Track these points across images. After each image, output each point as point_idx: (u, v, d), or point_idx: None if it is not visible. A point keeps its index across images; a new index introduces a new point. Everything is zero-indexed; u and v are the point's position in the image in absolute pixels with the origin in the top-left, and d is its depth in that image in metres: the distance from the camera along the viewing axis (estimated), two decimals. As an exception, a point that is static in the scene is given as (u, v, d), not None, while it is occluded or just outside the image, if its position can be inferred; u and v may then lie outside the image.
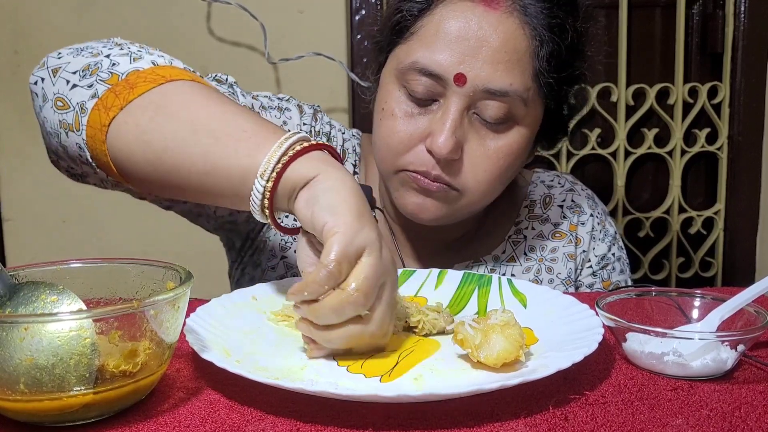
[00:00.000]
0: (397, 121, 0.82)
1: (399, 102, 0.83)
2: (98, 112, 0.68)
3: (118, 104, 0.67)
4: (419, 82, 0.80)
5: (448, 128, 0.79)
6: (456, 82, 0.79)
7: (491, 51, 0.78)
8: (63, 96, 0.70)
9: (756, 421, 0.50)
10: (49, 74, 0.72)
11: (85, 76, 0.70)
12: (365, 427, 0.50)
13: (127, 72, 0.69)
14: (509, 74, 0.79)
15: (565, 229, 0.99)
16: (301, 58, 1.60)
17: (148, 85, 0.68)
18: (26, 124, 1.64)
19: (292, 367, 0.60)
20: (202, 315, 0.65)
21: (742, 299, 0.62)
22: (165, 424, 0.50)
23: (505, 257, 0.97)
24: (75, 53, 0.73)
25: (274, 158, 0.61)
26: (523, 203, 1.01)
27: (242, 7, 1.58)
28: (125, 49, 0.73)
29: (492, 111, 0.80)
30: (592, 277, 0.99)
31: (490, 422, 0.50)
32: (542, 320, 0.69)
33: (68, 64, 0.72)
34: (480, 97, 0.79)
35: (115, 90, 0.68)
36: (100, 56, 0.72)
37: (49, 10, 1.62)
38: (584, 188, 1.05)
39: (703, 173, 1.95)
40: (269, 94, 0.94)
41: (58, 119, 0.71)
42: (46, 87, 0.72)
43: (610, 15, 1.80)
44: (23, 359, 0.47)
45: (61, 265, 0.59)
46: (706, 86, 1.83)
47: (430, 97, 0.81)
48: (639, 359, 0.60)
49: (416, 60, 0.80)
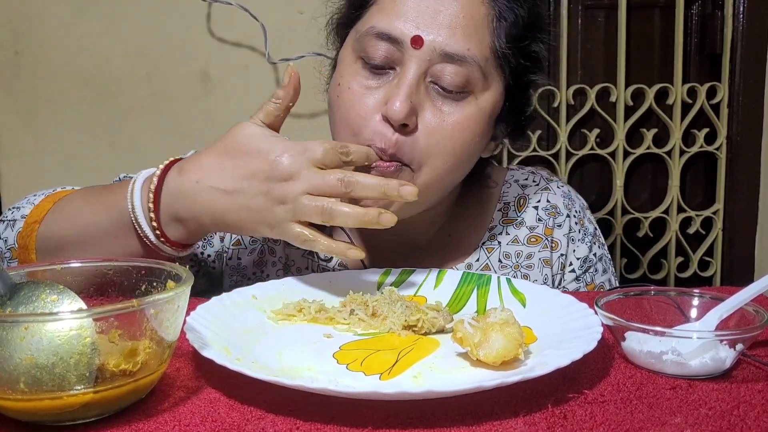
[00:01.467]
0: (354, 94, 0.81)
1: (355, 74, 0.81)
2: None
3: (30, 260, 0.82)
4: (377, 47, 0.79)
5: (404, 91, 0.77)
6: (413, 44, 0.77)
7: (449, 16, 0.78)
8: None
9: (754, 420, 0.50)
10: None
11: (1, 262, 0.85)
12: (365, 425, 0.50)
13: (14, 240, 0.84)
14: (467, 39, 0.78)
15: (540, 233, 0.95)
16: (302, 59, 1.60)
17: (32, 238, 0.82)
18: (26, 124, 1.64)
19: (292, 365, 0.60)
20: (202, 313, 0.66)
21: (741, 298, 0.62)
22: (165, 423, 0.50)
23: (479, 265, 0.93)
24: None
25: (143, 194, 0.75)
26: (497, 206, 0.97)
27: (242, 7, 1.58)
28: (5, 222, 0.87)
29: (450, 78, 0.78)
30: (576, 282, 0.96)
31: (490, 421, 0.50)
32: (541, 319, 0.69)
33: None
34: (438, 60, 0.78)
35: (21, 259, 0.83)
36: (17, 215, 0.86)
37: (49, 10, 1.62)
38: (561, 185, 1.00)
39: (702, 173, 1.95)
40: None
41: None
42: None
43: (609, 15, 1.80)
44: (23, 358, 0.47)
45: (61, 265, 0.59)
46: (704, 86, 1.83)
47: (388, 64, 0.80)
48: (638, 358, 0.60)
49: (374, 25, 0.80)
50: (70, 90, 1.65)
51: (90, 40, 1.64)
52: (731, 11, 1.79)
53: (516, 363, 0.58)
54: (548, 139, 1.83)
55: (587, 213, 1.00)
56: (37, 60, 1.64)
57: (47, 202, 0.85)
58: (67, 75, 1.65)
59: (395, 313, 0.69)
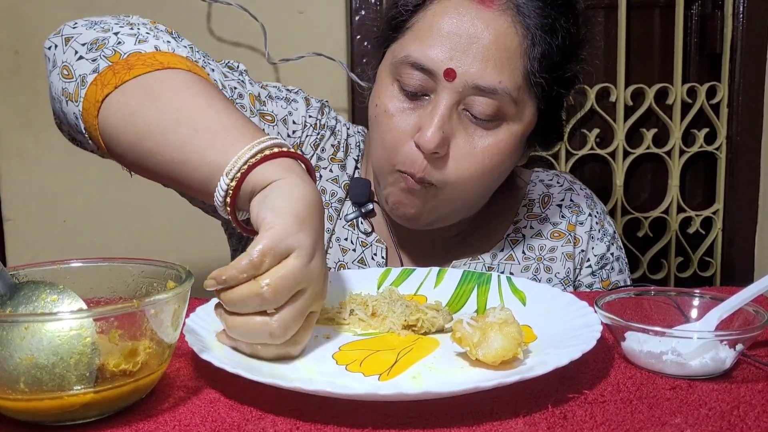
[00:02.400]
0: (390, 117, 0.83)
1: (392, 97, 0.83)
2: (95, 87, 0.71)
3: (114, 82, 0.70)
4: (412, 76, 0.81)
5: (436, 123, 0.79)
6: (446, 77, 0.79)
7: (482, 48, 0.79)
8: (69, 65, 0.74)
9: (754, 420, 0.50)
10: (62, 42, 0.76)
11: (92, 50, 0.73)
12: (364, 425, 0.50)
13: (129, 53, 0.72)
14: (499, 72, 0.79)
15: (563, 229, 0.99)
16: (302, 59, 1.60)
17: (146, 68, 0.70)
18: (26, 124, 1.64)
19: (290, 367, 0.60)
20: (201, 315, 0.66)
21: (741, 299, 0.62)
22: (165, 423, 0.50)
23: (503, 256, 0.97)
24: (89, 26, 0.77)
25: (242, 160, 0.62)
26: (522, 202, 1.01)
27: (242, 7, 1.58)
28: (134, 30, 0.76)
29: (481, 107, 0.80)
30: (592, 277, 0.99)
31: (489, 421, 0.50)
32: (541, 318, 0.69)
33: (80, 35, 0.75)
34: (469, 93, 0.80)
35: (114, 68, 0.71)
36: (110, 32, 0.75)
37: (49, 10, 1.62)
38: (583, 187, 1.05)
39: (702, 173, 1.95)
40: (278, 85, 0.95)
41: (61, 87, 0.74)
42: (57, 53, 0.76)
43: (609, 15, 1.80)
44: (24, 358, 0.47)
45: (61, 265, 0.59)
46: (704, 86, 1.83)
47: (422, 91, 0.82)
48: (638, 358, 0.60)
49: (408, 54, 0.81)
50: (70, 90, 1.65)
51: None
52: (731, 11, 1.79)
53: (515, 363, 0.59)
54: (548, 139, 1.83)
55: (607, 217, 1.04)
56: (37, 60, 1.64)
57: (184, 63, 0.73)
58: (67, 75, 1.65)
59: (395, 313, 0.69)
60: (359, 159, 0.99)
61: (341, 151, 0.97)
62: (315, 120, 0.95)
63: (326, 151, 0.96)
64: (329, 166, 0.96)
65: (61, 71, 0.74)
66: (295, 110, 0.94)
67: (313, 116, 0.95)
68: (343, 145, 0.97)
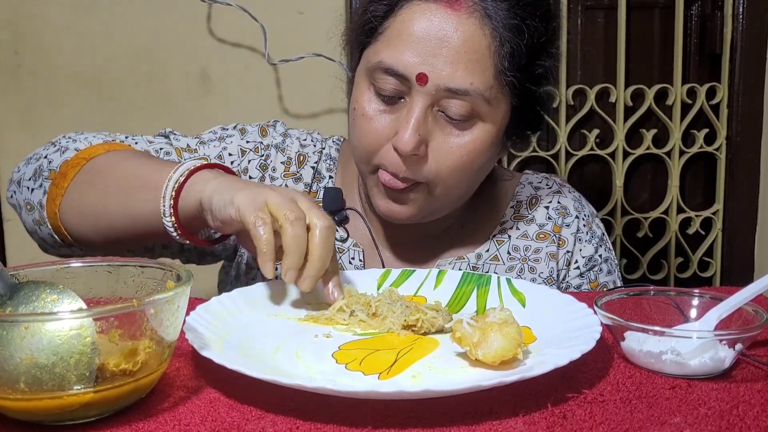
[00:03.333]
0: (368, 121, 0.85)
1: (369, 101, 0.85)
2: (49, 204, 0.85)
3: (59, 193, 0.84)
4: (386, 81, 0.83)
5: (412, 126, 0.81)
6: (418, 81, 0.81)
7: (452, 51, 0.80)
8: (28, 200, 0.88)
9: (753, 420, 0.50)
10: (16, 186, 0.90)
11: (36, 180, 0.87)
12: (364, 425, 0.50)
13: (58, 165, 0.86)
14: (470, 73, 0.80)
15: (549, 230, 0.99)
16: (301, 59, 1.60)
17: (75, 169, 0.84)
18: (26, 124, 1.64)
19: (291, 365, 0.60)
20: (202, 313, 0.66)
21: (740, 298, 0.63)
22: (165, 422, 0.50)
23: (489, 256, 0.97)
24: (26, 163, 0.91)
25: (167, 198, 0.75)
26: (509, 204, 1.01)
27: (242, 8, 1.58)
28: (57, 146, 0.89)
29: (455, 108, 0.82)
30: (580, 278, 0.99)
31: (489, 420, 0.50)
32: (541, 319, 0.69)
33: (24, 174, 0.90)
34: (442, 95, 0.81)
35: (55, 183, 0.85)
36: (41, 159, 0.89)
37: (49, 10, 1.62)
38: (572, 190, 1.04)
39: (702, 174, 1.95)
40: (216, 128, 1.01)
41: (31, 219, 0.88)
42: (17, 197, 0.90)
43: (609, 16, 1.80)
44: (23, 358, 0.47)
45: (61, 265, 0.59)
46: (704, 87, 1.83)
47: (397, 95, 0.84)
48: (637, 358, 0.61)
49: (381, 60, 0.83)
50: (70, 90, 1.65)
51: (90, 40, 1.64)
52: (731, 11, 1.79)
53: (515, 363, 0.59)
54: (548, 140, 1.83)
55: (596, 219, 1.04)
56: (36, 60, 1.64)
57: (102, 148, 0.87)
58: (66, 75, 1.64)
59: (395, 313, 0.69)
60: (331, 168, 1.00)
61: (293, 164, 0.98)
62: (255, 144, 0.98)
63: (277, 170, 0.98)
64: (283, 182, 0.98)
65: (25, 208, 0.88)
66: (230, 143, 0.97)
67: (251, 141, 0.98)
68: (294, 158, 0.99)
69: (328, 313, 0.72)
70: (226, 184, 0.72)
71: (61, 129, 1.62)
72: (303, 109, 1.68)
